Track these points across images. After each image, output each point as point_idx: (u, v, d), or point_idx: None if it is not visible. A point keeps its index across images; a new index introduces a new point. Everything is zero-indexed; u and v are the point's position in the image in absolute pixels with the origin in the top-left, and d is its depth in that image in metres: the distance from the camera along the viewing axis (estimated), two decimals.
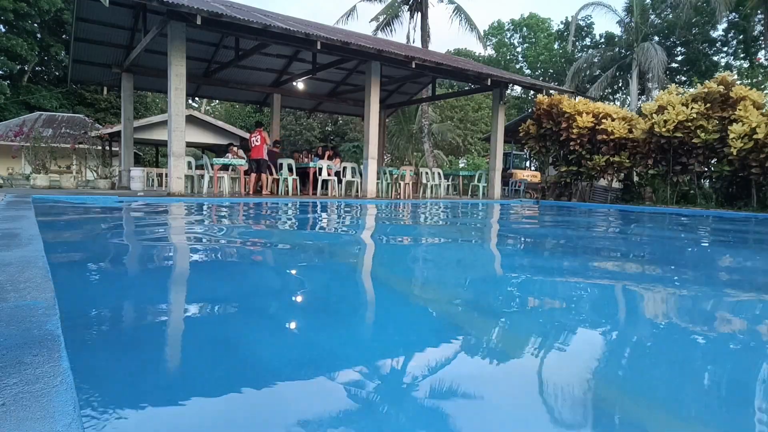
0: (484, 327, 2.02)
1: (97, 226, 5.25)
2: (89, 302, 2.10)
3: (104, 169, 12.43)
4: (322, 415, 1.15)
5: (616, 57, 28.11)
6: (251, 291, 2.52)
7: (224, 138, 20.38)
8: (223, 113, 38.43)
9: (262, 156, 11.40)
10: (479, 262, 3.94)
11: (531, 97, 32.90)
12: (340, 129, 33.15)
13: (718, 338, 1.96)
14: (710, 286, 3.12)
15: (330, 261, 3.69)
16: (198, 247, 4.00)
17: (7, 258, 2.20)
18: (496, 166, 14.12)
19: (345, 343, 1.71)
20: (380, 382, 1.37)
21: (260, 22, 9.12)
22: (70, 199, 7.92)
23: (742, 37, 28.60)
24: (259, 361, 1.52)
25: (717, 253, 4.91)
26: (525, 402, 1.28)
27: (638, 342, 1.89)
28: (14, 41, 24.38)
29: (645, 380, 1.48)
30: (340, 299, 2.47)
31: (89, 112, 27.64)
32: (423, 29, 22.73)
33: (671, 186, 12.41)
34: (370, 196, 11.64)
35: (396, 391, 1.31)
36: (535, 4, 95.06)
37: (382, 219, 7.45)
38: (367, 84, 11.72)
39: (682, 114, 11.34)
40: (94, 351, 1.51)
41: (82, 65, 13.59)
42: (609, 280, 3.16)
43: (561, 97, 13.93)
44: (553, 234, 6.12)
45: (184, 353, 1.58)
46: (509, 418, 1.20)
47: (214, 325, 1.88)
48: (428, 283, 3.00)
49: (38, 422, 0.82)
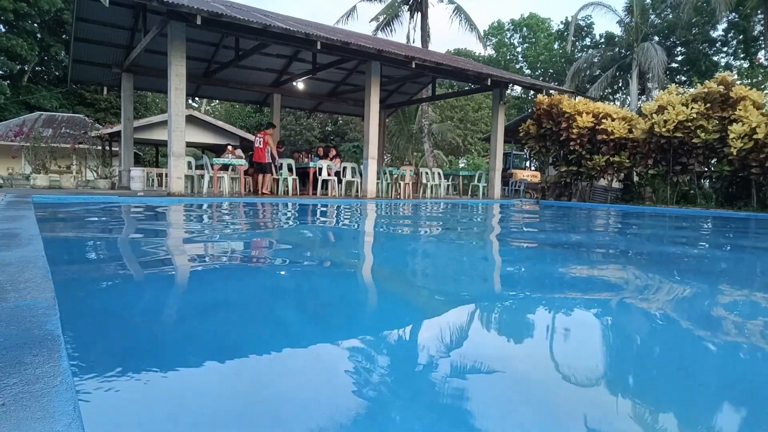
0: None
1: (97, 226, 5.25)
2: (89, 302, 2.10)
3: (104, 169, 12.44)
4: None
5: (616, 57, 28.11)
6: (252, 291, 2.52)
7: (224, 138, 20.39)
8: (223, 113, 38.44)
9: (262, 160, 10.92)
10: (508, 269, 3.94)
11: (531, 97, 32.90)
12: (340, 129, 33.16)
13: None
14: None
15: (335, 261, 3.69)
16: (198, 246, 4.00)
17: (7, 258, 2.20)
18: (496, 166, 14.13)
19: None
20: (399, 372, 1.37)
21: (260, 22, 9.13)
22: (70, 199, 7.91)
23: (742, 37, 28.60)
24: (265, 366, 1.52)
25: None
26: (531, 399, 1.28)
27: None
28: (14, 41, 24.39)
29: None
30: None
31: (89, 112, 27.65)
32: (423, 29, 22.74)
33: (671, 186, 12.41)
34: (370, 196, 11.65)
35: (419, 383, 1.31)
36: (535, 4, 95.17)
37: (385, 220, 7.45)
38: (367, 84, 11.72)
39: (682, 114, 11.35)
40: (94, 351, 1.51)
41: (82, 65, 13.59)
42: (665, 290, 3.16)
43: (561, 97, 13.93)
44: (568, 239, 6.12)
45: (184, 352, 1.58)
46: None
47: (214, 324, 1.88)
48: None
49: (38, 422, 0.82)
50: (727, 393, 1.41)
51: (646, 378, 1.51)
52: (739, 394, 1.40)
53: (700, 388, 1.44)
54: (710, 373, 1.58)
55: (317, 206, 9.18)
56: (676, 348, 1.82)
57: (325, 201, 10.17)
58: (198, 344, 1.65)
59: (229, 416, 1.12)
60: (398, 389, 1.34)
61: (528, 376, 1.47)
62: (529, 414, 1.21)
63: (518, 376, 1.47)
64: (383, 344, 1.73)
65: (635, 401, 1.33)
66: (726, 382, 1.50)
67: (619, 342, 1.91)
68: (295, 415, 1.15)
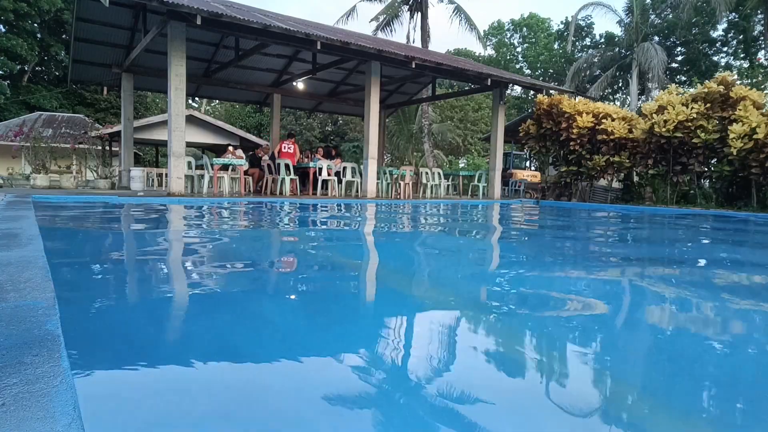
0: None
1: (97, 226, 5.25)
2: (89, 302, 2.10)
3: (104, 169, 12.43)
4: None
5: (616, 57, 28.10)
6: (251, 292, 2.52)
7: (224, 138, 20.38)
8: (223, 113, 38.43)
9: (292, 161, 11.83)
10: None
11: (531, 97, 32.90)
12: (340, 129, 33.15)
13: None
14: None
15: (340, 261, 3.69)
16: (197, 246, 4.00)
17: (7, 258, 2.20)
18: (496, 166, 14.12)
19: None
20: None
21: (260, 22, 9.12)
22: (70, 200, 7.91)
23: (742, 37, 28.60)
24: (265, 366, 1.52)
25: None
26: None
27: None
28: (14, 41, 24.39)
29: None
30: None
31: (89, 112, 27.63)
32: (423, 29, 22.73)
33: (671, 186, 12.40)
34: (370, 196, 11.64)
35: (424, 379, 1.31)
36: (535, 4, 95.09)
37: (386, 222, 7.45)
38: (367, 84, 11.71)
39: (682, 114, 11.34)
40: (94, 350, 1.51)
41: (82, 65, 13.59)
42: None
43: (561, 97, 13.92)
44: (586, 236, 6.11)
45: (185, 351, 1.58)
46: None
47: (214, 323, 1.88)
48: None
49: (38, 422, 0.82)
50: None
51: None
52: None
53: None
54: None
55: (317, 206, 9.18)
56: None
57: (325, 201, 10.17)
58: (198, 344, 1.65)
59: (230, 416, 1.12)
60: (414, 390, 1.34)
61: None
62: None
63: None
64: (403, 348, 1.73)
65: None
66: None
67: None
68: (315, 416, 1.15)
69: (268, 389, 1.32)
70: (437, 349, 1.70)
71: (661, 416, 1.23)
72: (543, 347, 1.76)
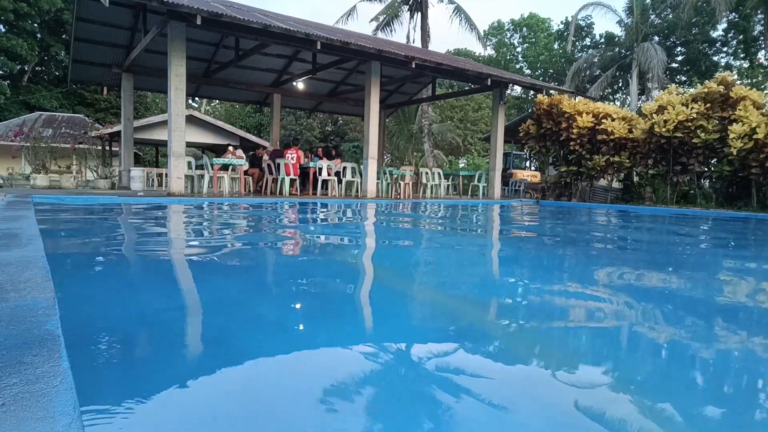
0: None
1: (97, 226, 5.25)
2: (89, 301, 2.10)
3: (104, 169, 12.42)
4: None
5: (616, 57, 28.10)
6: (251, 292, 2.52)
7: (224, 138, 20.39)
8: (223, 113, 38.44)
9: (295, 172, 11.73)
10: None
11: (531, 97, 32.90)
12: (340, 129, 33.16)
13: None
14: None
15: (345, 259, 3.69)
16: (197, 246, 4.00)
17: (7, 258, 2.20)
18: (496, 166, 14.12)
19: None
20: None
21: (260, 22, 9.12)
22: (70, 199, 7.91)
23: (742, 37, 28.60)
24: (265, 364, 1.52)
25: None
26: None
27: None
28: (14, 41, 24.39)
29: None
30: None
31: (89, 112, 27.64)
32: (423, 29, 22.73)
33: (671, 186, 12.40)
34: (370, 196, 11.64)
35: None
36: (535, 4, 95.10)
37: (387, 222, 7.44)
38: (367, 84, 11.71)
39: (682, 114, 11.34)
40: (94, 350, 1.51)
41: (82, 65, 13.59)
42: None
43: (561, 97, 13.92)
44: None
45: (185, 351, 1.58)
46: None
47: (214, 323, 1.88)
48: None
49: (38, 422, 0.82)
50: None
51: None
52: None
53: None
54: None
55: (317, 205, 9.18)
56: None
57: (325, 201, 10.17)
58: (199, 343, 1.65)
59: (230, 416, 1.12)
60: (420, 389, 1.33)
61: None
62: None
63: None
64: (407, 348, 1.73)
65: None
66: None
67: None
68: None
69: (267, 388, 1.32)
70: (437, 348, 1.70)
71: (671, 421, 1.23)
72: (544, 349, 1.76)
